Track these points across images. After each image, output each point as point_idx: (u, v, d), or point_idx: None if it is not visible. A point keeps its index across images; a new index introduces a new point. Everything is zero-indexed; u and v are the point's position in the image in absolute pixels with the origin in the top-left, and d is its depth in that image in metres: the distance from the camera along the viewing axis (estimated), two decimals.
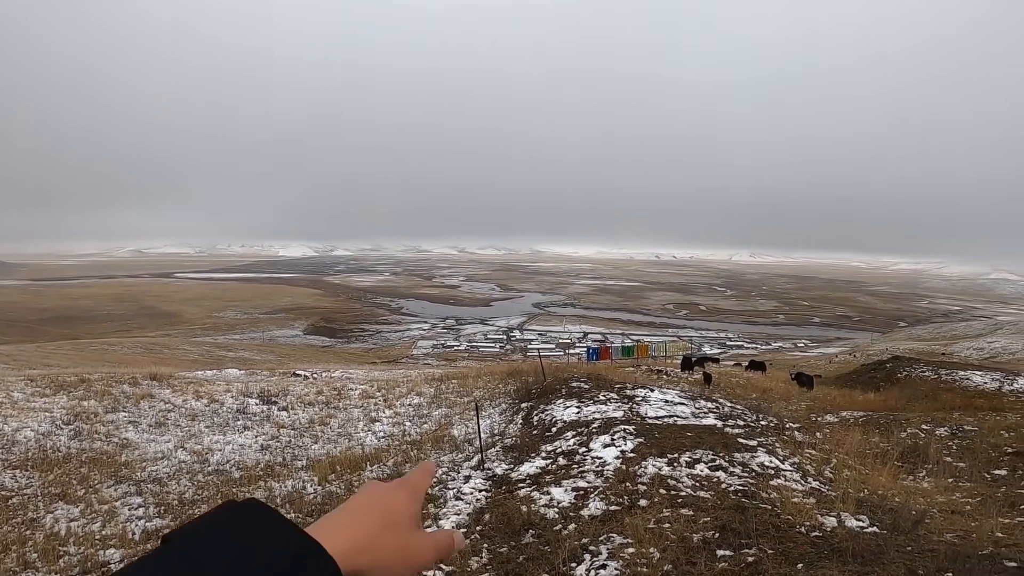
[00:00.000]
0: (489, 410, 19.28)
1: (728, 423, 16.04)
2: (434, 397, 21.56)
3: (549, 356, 57.76)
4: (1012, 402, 22.15)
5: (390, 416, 18.84)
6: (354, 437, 16.31)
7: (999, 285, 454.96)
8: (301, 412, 18.80)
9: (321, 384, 24.18)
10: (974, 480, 12.46)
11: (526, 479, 11.35)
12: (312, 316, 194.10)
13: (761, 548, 7.53)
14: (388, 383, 24.43)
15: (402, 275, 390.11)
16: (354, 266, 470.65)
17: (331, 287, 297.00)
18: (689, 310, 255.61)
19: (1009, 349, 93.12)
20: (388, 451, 14.50)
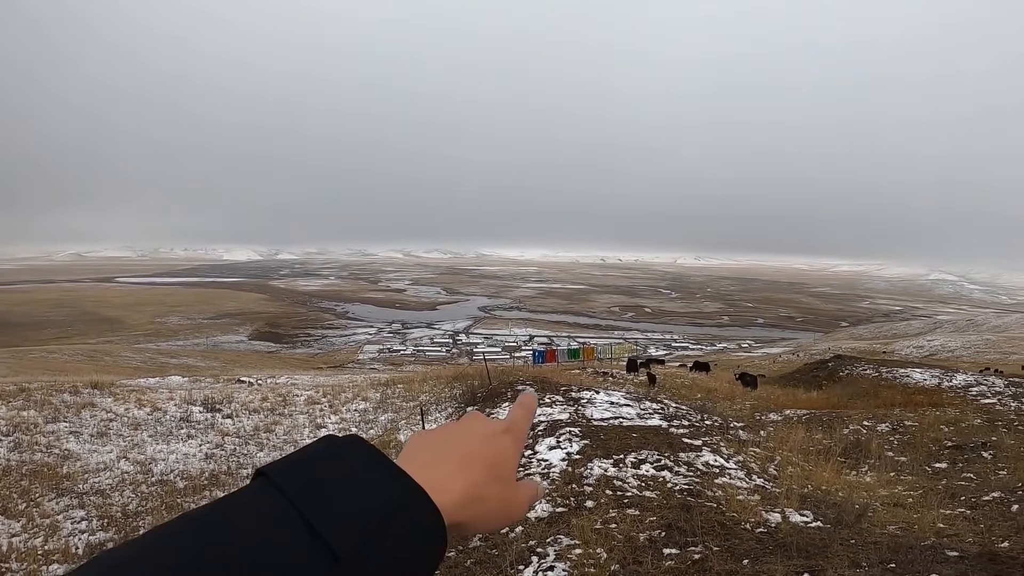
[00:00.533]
0: (435, 414, 19.19)
1: (673, 423, 16.19)
2: (380, 402, 21.36)
3: (495, 359, 57.76)
4: (951, 398, 22.78)
5: (336, 422, 18.62)
6: (300, 444, 15.99)
7: (938, 286, 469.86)
8: (246, 419, 18.43)
9: (266, 390, 23.78)
10: (915, 473, 12.79)
11: None
12: (257, 321, 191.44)
13: (707, 545, 7.59)
14: (334, 388, 24.20)
15: (348, 279, 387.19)
16: (299, 270, 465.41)
17: (276, 291, 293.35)
18: (635, 312, 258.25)
19: (948, 347, 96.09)
20: None
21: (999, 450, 13.94)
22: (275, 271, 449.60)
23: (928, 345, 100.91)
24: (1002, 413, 19.00)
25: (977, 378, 27.25)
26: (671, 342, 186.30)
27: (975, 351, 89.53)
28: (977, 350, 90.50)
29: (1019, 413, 18.92)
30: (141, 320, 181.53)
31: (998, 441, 14.73)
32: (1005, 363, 66.85)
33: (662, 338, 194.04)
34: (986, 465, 12.98)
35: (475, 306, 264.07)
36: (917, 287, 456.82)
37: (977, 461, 13.36)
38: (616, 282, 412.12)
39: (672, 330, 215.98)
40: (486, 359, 32.29)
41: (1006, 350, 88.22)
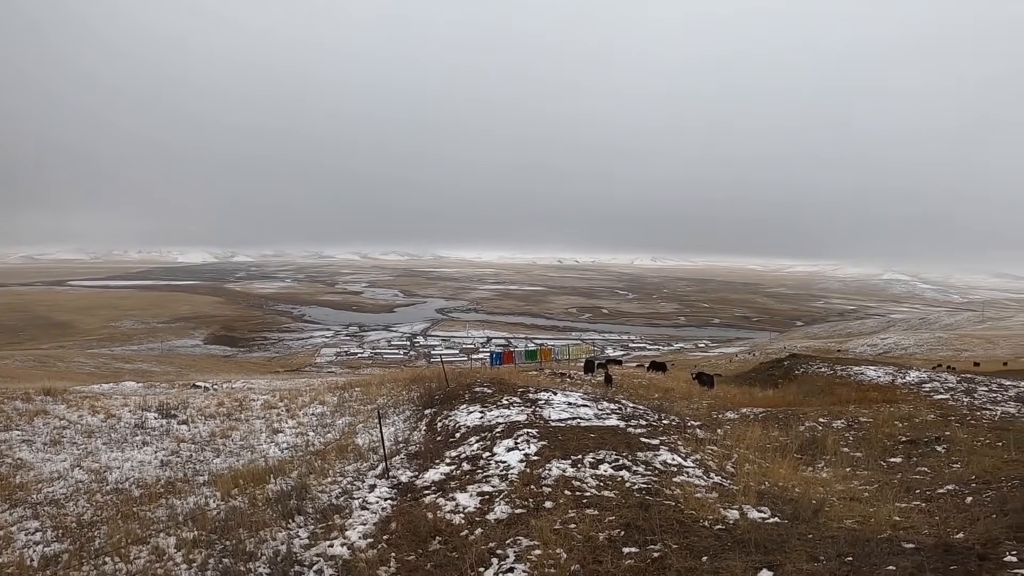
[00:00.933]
0: (393, 417, 19.03)
1: (631, 423, 16.23)
2: (337, 406, 21.12)
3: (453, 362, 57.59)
4: (905, 394, 23.24)
5: (293, 426, 18.33)
6: (257, 449, 15.77)
7: (891, 285, 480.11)
8: (202, 425, 18.05)
9: (222, 395, 23.41)
10: (871, 468, 12.98)
11: (431, 486, 11.23)
12: (212, 325, 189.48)
13: (666, 543, 7.61)
14: (291, 393, 23.93)
15: (304, 282, 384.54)
16: (255, 272, 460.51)
17: (232, 294, 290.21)
18: (592, 313, 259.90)
19: (901, 345, 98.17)
20: (292, 462, 14.09)
21: (952, 444, 14.22)
22: (231, 274, 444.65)
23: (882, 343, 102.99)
24: (955, 408, 19.45)
25: (930, 375, 27.86)
26: (628, 342, 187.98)
27: (928, 348, 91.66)
28: (930, 347, 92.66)
29: (972, 408, 19.38)
30: (94, 324, 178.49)
31: (951, 435, 15.03)
32: (957, 360, 68.50)
33: (619, 339, 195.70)
34: (940, 459, 13.22)
35: (432, 308, 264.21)
36: (871, 287, 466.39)
37: (931, 455, 13.60)
38: (573, 283, 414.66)
39: (629, 331, 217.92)
40: (443, 361, 32.14)
41: (958, 347, 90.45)
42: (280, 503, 10.87)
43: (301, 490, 11.52)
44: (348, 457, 14.34)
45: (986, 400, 20.92)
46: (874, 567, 6.36)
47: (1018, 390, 22.41)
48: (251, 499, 11.30)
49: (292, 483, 12.08)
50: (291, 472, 13.06)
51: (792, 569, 6.51)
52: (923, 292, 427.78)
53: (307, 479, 12.39)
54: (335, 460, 14.05)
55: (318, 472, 12.99)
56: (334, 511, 10.54)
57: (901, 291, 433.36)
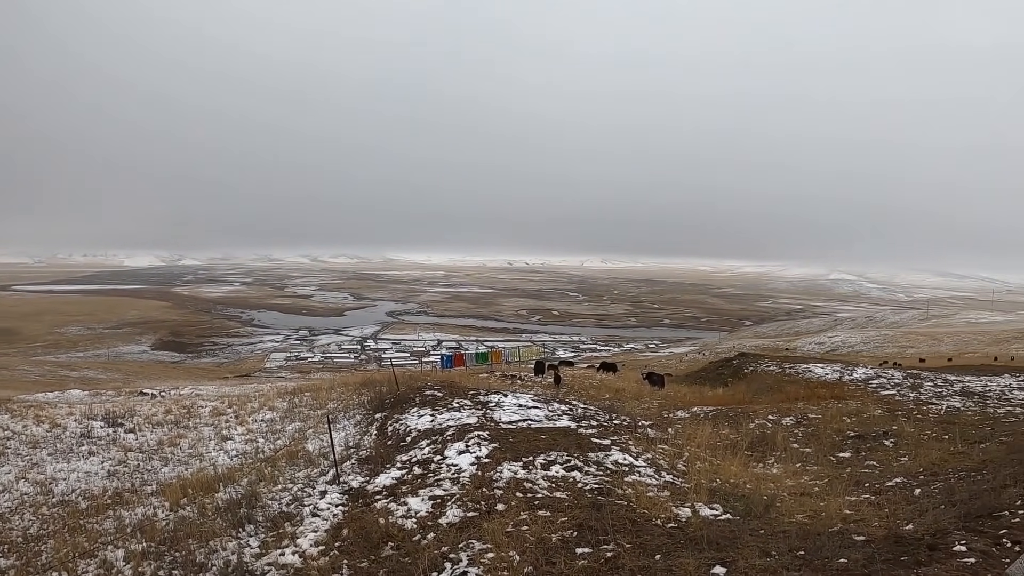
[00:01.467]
0: (344, 422, 18.83)
1: (582, 424, 16.27)
2: (287, 411, 20.85)
3: (403, 365, 57.22)
4: (852, 390, 23.67)
5: (242, 433, 18.02)
6: (205, 457, 15.48)
7: (838, 285, 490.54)
8: (149, 433, 17.65)
9: (170, 403, 22.96)
10: (820, 463, 13.18)
11: (382, 491, 11.10)
12: (160, 330, 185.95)
13: (619, 543, 7.60)
14: (240, 399, 23.59)
15: (253, 285, 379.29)
16: (203, 276, 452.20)
17: (180, 299, 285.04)
18: (542, 315, 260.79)
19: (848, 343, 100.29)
20: (241, 470, 13.85)
21: (900, 438, 14.54)
22: (178, 277, 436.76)
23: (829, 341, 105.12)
24: (901, 403, 19.88)
25: (877, 371, 28.46)
26: (579, 344, 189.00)
27: (874, 346, 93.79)
28: (876, 345, 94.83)
29: (918, 403, 19.82)
30: (39, 331, 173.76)
31: (898, 430, 15.37)
32: (903, 356, 70.20)
33: (570, 340, 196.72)
34: (888, 453, 13.50)
35: (383, 311, 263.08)
36: (818, 287, 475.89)
37: (879, 449, 13.88)
38: (523, 285, 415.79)
39: (580, 332, 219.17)
40: (394, 365, 31.91)
41: (903, 344, 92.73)
42: (230, 512, 10.65)
43: (251, 498, 11.32)
44: (298, 463, 14.14)
45: (932, 395, 21.41)
46: (826, 560, 6.43)
47: (962, 384, 22.99)
48: (200, 508, 11.07)
49: (242, 491, 11.86)
50: (241, 480, 12.83)
51: (745, 565, 6.54)
52: (869, 291, 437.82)
53: (257, 487, 12.18)
54: (285, 467, 13.84)
55: (268, 479, 12.77)
56: (285, 519, 10.37)
57: (847, 290, 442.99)
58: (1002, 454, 11.51)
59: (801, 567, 6.34)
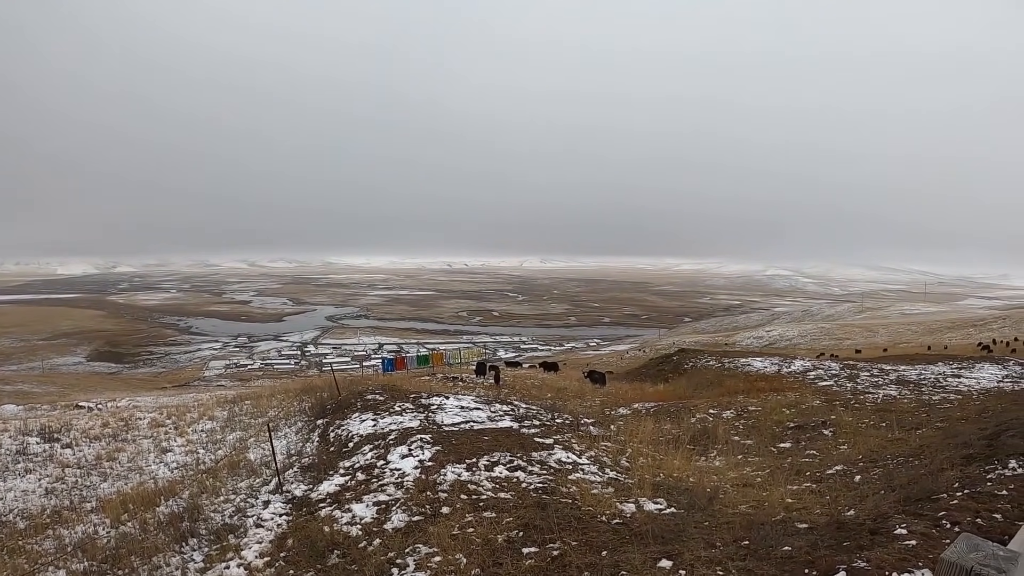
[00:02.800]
0: (285, 430, 18.54)
1: (524, 424, 16.29)
2: (228, 420, 20.42)
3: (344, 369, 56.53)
4: (791, 383, 24.14)
5: (182, 444, 17.58)
6: (145, 470, 15.04)
7: (774, 280, 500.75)
8: (87, 448, 17.08)
9: (107, 415, 22.34)
10: (762, 454, 13.41)
11: (326, 498, 10.93)
12: (96, 340, 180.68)
13: (565, 541, 7.59)
14: (179, 409, 23.07)
15: (190, 291, 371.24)
16: (139, 283, 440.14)
17: (115, 307, 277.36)
18: (483, 316, 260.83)
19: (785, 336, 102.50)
20: (183, 482, 13.51)
21: (838, 427, 14.87)
22: (113, 285, 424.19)
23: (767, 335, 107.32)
24: (839, 394, 20.33)
25: (814, 363, 29.08)
26: (520, 344, 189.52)
27: (811, 339, 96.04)
28: (813, 338, 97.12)
29: (855, 393, 20.29)
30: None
31: (837, 419, 15.72)
32: (839, 348, 71.97)
33: (511, 340, 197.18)
34: (827, 442, 13.79)
35: (323, 316, 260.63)
36: (755, 282, 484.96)
37: (819, 439, 14.18)
38: (463, 287, 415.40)
39: (521, 332, 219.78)
40: (334, 370, 31.60)
41: (840, 336, 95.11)
42: (172, 526, 10.38)
43: (193, 511, 11.04)
44: (240, 473, 13.86)
45: (868, 384, 21.94)
46: (770, 549, 6.51)
47: (898, 374, 23.61)
48: (142, 523, 10.75)
49: (184, 504, 11.57)
50: (182, 493, 12.52)
51: (691, 557, 6.58)
52: (804, 286, 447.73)
53: (199, 499, 11.89)
54: (227, 477, 13.56)
55: (210, 491, 12.49)
56: (228, 531, 10.16)
57: (784, 286, 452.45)
58: (938, 439, 11.84)
59: (746, 557, 6.40)
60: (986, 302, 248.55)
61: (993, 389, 18.75)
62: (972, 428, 12.10)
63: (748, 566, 6.14)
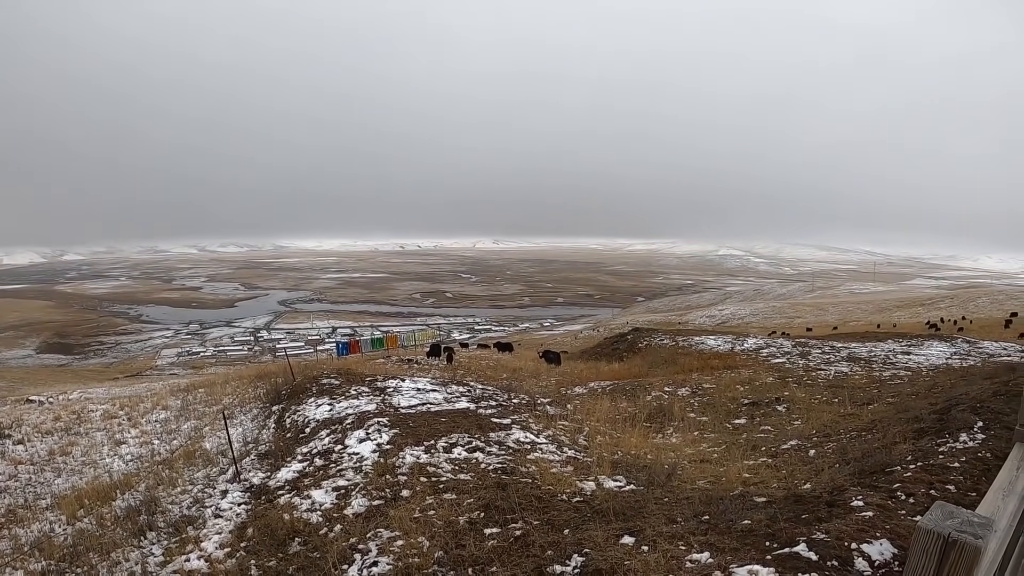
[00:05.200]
0: (240, 417, 18.31)
1: (481, 405, 16.33)
2: (182, 409, 20.11)
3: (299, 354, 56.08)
4: (744, 360, 24.50)
5: (136, 436, 17.25)
6: (100, 464, 14.72)
7: (726, 260, 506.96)
8: (39, 443, 16.68)
9: (58, 409, 21.97)
10: (717, 431, 13.59)
11: (285, 485, 10.80)
12: (44, 332, 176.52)
13: (527, 520, 7.61)
14: (131, 399, 22.65)
15: (140, 279, 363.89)
16: (87, 272, 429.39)
17: (63, 297, 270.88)
18: (436, 298, 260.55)
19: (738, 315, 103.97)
20: (138, 475, 13.25)
21: (792, 403, 15.15)
22: (61, 274, 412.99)
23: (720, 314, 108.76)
24: (791, 371, 20.68)
25: (767, 341, 29.53)
26: (474, 325, 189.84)
27: (763, 317, 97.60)
28: (765, 316, 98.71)
29: (807, 369, 20.66)
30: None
31: (790, 395, 16.01)
32: (791, 326, 73.20)
33: (465, 322, 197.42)
34: (781, 418, 14.03)
35: (275, 300, 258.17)
36: (707, 262, 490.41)
37: (773, 415, 14.42)
38: (416, 269, 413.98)
39: (475, 313, 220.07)
40: (288, 355, 31.37)
41: (791, 315, 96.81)
42: (130, 520, 10.16)
43: (150, 503, 10.81)
44: (197, 463, 13.65)
45: (820, 361, 22.33)
46: (730, 523, 6.59)
47: (849, 351, 24.05)
48: (99, 519, 10.53)
49: (140, 497, 11.35)
50: (138, 485, 12.30)
51: (652, 533, 6.63)
52: (756, 266, 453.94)
53: (156, 491, 11.68)
54: (183, 468, 13.34)
55: (166, 482, 12.27)
56: (187, 522, 9.97)
57: (735, 265, 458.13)
58: (890, 414, 12.10)
59: (707, 531, 6.48)
60: (934, 282, 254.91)
61: (942, 366, 19.17)
62: (923, 403, 12.37)
63: (710, 540, 6.21)
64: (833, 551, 5.39)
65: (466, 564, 6.85)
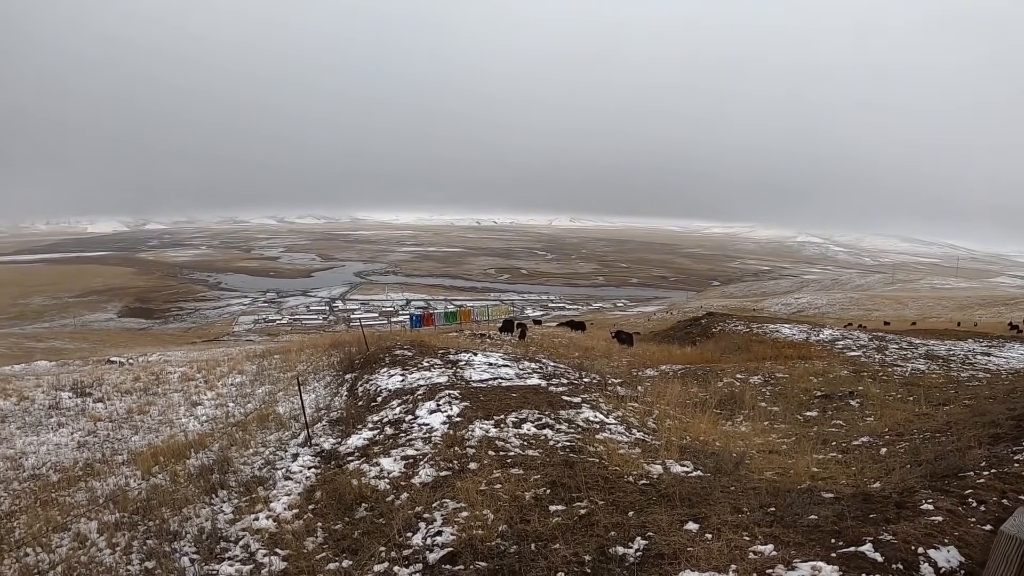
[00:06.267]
0: (314, 384, 18.70)
1: (552, 382, 16.35)
2: (257, 374, 20.62)
3: (372, 325, 57.00)
4: (819, 351, 23.99)
5: (212, 398, 17.76)
6: (176, 424, 15.24)
7: (804, 247, 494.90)
8: (118, 402, 17.33)
9: (138, 370, 22.71)
10: (788, 422, 13.41)
11: (354, 452, 11.06)
12: (126, 297, 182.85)
13: (592, 500, 7.67)
14: (208, 363, 23.24)
15: (220, 248, 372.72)
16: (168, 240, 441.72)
17: (145, 264, 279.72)
18: (511, 274, 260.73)
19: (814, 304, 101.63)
20: (212, 435, 13.69)
21: (866, 398, 14.82)
22: (143, 242, 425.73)
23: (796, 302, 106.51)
24: (867, 365, 20.21)
25: (843, 333, 28.86)
26: (548, 303, 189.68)
27: (840, 308, 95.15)
28: (842, 307, 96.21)
29: (883, 364, 20.16)
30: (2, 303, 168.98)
31: (864, 390, 15.65)
32: (868, 319, 71.29)
33: (539, 299, 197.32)
34: (854, 413, 13.75)
35: (351, 272, 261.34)
36: (785, 248, 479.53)
37: (845, 409, 14.14)
38: (492, 244, 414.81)
39: (548, 291, 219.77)
40: (363, 325, 31.81)
41: (869, 307, 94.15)
42: (202, 478, 10.55)
43: (223, 463, 11.22)
44: (269, 427, 14.03)
45: (897, 357, 21.76)
46: (796, 516, 6.54)
47: (927, 348, 23.37)
48: (172, 476, 10.91)
49: (213, 456, 11.74)
50: (212, 445, 12.71)
51: (717, 521, 6.62)
52: (835, 254, 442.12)
53: (228, 451, 12.06)
54: (256, 430, 13.73)
55: (239, 443, 12.66)
56: (258, 483, 10.31)
57: (814, 253, 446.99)
58: (966, 416, 11.74)
59: (772, 523, 6.44)
60: (1019, 281, 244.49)
61: (1023, 370, 18.53)
62: (1000, 408, 11.95)
63: (775, 532, 6.18)
64: (899, 554, 5.30)
65: (529, 539, 6.95)
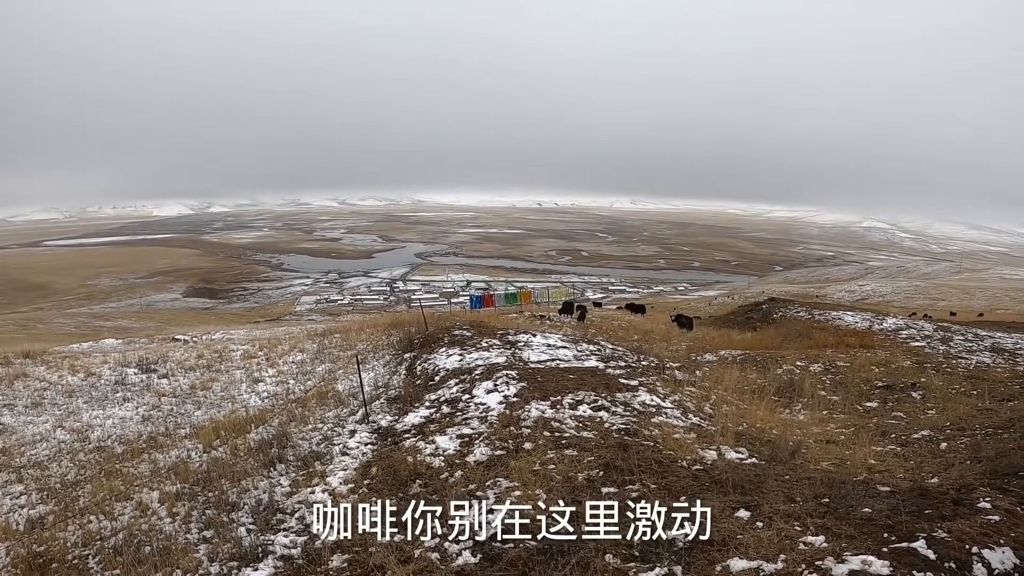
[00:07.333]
0: (373, 362, 18.94)
1: (610, 364, 16.34)
2: (317, 353, 20.98)
3: (432, 306, 57.54)
4: (882, 340, 23.42)
5: (273, 375, 18.18)
6: (237, 399, 15.71)
7: (870, 233, 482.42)
8: (182, 378, 17.92)
9: (202, 347, 23.29)
10: (847, 412, 13.16)
11: (411, 429, 11.21)
12: (191, 277, 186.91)
13: (644, 483, 7.68)
14: (270, 342, 23.79)
15: (282, 230, 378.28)
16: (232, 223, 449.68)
17: (209, 246, 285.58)
18: (571, 256, 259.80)
19: (879, 292, 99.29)
20: (272, 411, 14.01)
21: (928, 391, 14.44)
22: (207, 225, 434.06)
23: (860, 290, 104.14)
24: (931, 356, 19.67)
25: (907, 322, 28.14)
26: (608, 285, 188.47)
27: (905, 296, 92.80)
28: (907, 295, 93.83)
29: (947, 356, 19.61)
30: (71, 284, 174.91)
31: (927, 382, 15.25)
32: (934, 308, 69.38)
33: (599, 281, 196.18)
34: (915, 405, 13.43)
35: (411, 253, 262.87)
36: (849, 234, 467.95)
37: (907, 401, 13.81)
38: (553, 226, 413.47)
39: (609, 273, 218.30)
40: (423, 306, 32.07)
41: (935, 296, 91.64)
42: (261, 452, 10.85)
43: (282, 438, 11.50)
44: (328, 403, 14.29)
45: (962, 349, 21.14)
46: (850, 509, 6.46)
47: (993, 340, 22.66)
48: (232, 449, 11.24)
49: (273, 431, 12.02)
50: (272, 421, 13.00)
51: (769, 509, 6.59)
52: (901, 241, 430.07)
53: (288, 427, 12.34)
54: (315, 407, 13.99)
55: (298, 419, 12.95)
56: (315, 458, 10.53)
57: (879, 239, 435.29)
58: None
59: (825, 514, 6.37)
60: None
61: None
62: None
63: (827, 524, 6.12)
64: (952, 552, 5.20)
65: (580, 520, 6.98)
